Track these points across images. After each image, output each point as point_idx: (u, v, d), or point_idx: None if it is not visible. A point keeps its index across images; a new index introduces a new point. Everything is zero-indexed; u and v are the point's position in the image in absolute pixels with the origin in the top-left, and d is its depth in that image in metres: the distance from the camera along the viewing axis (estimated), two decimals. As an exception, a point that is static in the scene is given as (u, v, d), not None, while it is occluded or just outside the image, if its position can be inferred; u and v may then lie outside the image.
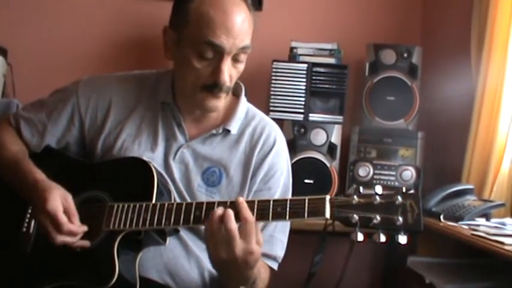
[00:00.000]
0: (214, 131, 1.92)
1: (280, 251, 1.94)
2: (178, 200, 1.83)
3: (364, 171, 3.14)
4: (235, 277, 1.66)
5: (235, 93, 2.01)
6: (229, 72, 1.80)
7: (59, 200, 1.69)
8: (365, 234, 1.56)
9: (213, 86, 1.79)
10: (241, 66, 1.84)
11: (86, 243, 1.70)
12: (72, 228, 1.68)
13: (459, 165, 2.83)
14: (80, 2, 3.48)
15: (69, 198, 1.72)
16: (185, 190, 1.87)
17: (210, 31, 1.73)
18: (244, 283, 1.68)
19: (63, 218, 1.67)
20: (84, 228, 1.70)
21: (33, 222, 1.79)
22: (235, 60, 1.81)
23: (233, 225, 1.56)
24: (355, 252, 3.20)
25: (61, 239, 1.67)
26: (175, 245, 1.83)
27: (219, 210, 1.59)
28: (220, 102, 1.85)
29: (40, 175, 1.79)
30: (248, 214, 1.58)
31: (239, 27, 1.76)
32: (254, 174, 1.92)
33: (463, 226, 2.37)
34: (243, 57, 1.82)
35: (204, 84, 1.80)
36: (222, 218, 1.57)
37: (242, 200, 1.60)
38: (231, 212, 1.58)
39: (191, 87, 1.83)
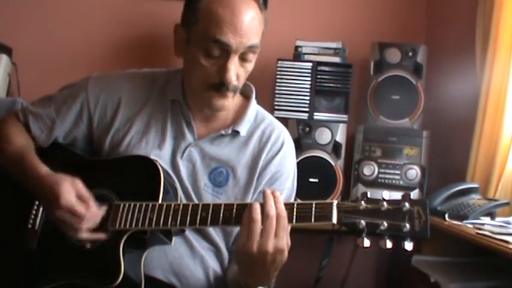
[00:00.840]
0: (223, 132, 1.92)
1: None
2: (184, 199, 1.84)
3: (369, 170, 3.14)
4: (258, 275, 1.64)
5: (246, 95, 2.01)
6: (236, 71, 1.79)
7: (70, 190, 1.69)
8: (371, 240, 1.56)
9: (220, 85, 1.79)
10: (249, 66, 1.84)
11: (102, 235, 1.70)
12: (93, 214, 1.69)
13: (464, 164, 2.83)
14: (84, 2, 3.48)
15: (79, 183, 1.72)
16: (192, 189, 1.87)
17: (218, 29, 1.73)
18: (265, 283, 1.67)
19: (81, 208, 1.67)
20: (103, 210, 1.71)
21: (38, 218, 1.80)
22: (243, 59, 1.80)
23: (273, 213, 1.56)
24: (360, 251, 3.20)
25: (85, 226, 1.67)
26: (180, 244, 1.83)
27: (257, 208, 1.58)
28: (228, 102, 1.84)
29: (45, 169, 1.78)
30: (283, 210, 1.58)
31: (247, 25, 1.75)
32: (260, 175, 1.92)
33: (467, 225, 2.37)
34: (251, 56, 1.81)
35: (210, 83, 1.80)
36: (263, 208, 1.57)
37: (279, 194, 1.60)
38: (272, 203, 1.57)
39: (198, 86, 1.83)
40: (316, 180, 3.10)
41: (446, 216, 2.48)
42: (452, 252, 2.63)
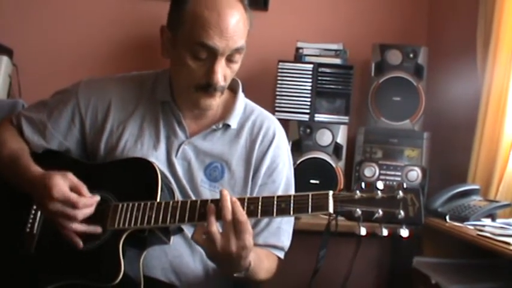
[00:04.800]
0: (214, 127, 1.95)
1: (287, 241, 1.99)
2: (182, 197, 1.86)
3: (370, 171, 3.14)
4: (230, 266, 1.69)
5: (233, 89, 2.04)
6: (223, 73, 1.82)
7: (62, 181, 1.70)
8: (368, 229, 1.61)
9: (207, 86, 1.82)
10: (235, 66, 1.87)
11: (98, 228, 1.71)
12: (87, 201, 1.70)
13: (465, 166, 2.83)
14: (85, 3, 3.48)
15: (70, 174, 1.73)
16: (189, 186, 1.89)
17: (204, 32, 1.75)
18: (238, 271, 1.70)
19: (73, 196, 1.69)
20: (97, 197, 1.73)
21: (36, 222, 1.81)
22: (230, 60, 1.83)
23: (230, 217, 1.60)
24: (360, 253, 3.18)
25: (81, 214, 1.69)
26: (180, 243, 1.86)
27: (213, 207, 1.63)
28: (215, 101, 1.88)
29: (38, 169, 1.80)
30: (241, 215, 1.60)
31: (233, 28, 1.77)
32: (257, 168, 1.95)
33: (468, 226, 2.36)
34: (237, 57, 1.84)
35: (198, 85, 1.83)
36: (219, 214, 1.62)
37: (235, 200, 1.62)
38: (229, 205, 1.61)
39: (186, 87, 1.86)
40: (317, 181, 3.09)
41: (447, 217, 2.48)
42: (453, 254, 2.62)
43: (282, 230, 1.96)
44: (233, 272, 1.71)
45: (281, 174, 1.99)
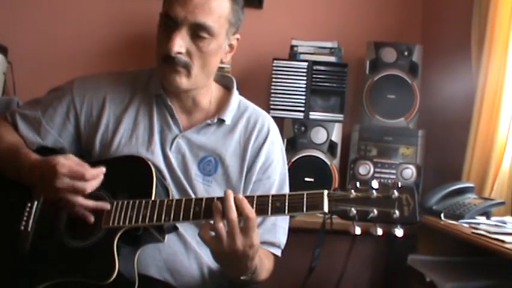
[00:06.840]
0: (209, 121, 1.96)
1: (283, 238, 1.99)
2: (177, 190, 1.88)
3: (365, 169, 3.14)
4: (237, 268, 1.69)
5: (227, 87, 2.06)
6: (187, 46, 1.82)
7: (66, 160, 1.71)
8: (362, 228, 1.61)
9: (168, 57, 1.82)
10: (203, 46, 1.84)
11: (107, 205, 1.72)
12: (94, 172, 1.71)
13: (460, 164, 2.83)
14: (80, 1, 3.48)
15: (70, 155, 1.75)
16: (184, 179, 1.90)
17: (169, 3, 1.82)
18: (245, 273, 1.71)
19: (80, 168, 1.70)
20: (103, 168, 1.73)
21: (31, 220, 1.79)
22: (195, 35, 1.83)
23: (234, 217, 1.59)
24: (355, 251, 3.20)
25: (90, 186, 1.70)
26: (174, 241, 1.85)
27: (219, 205, 1.61)
28: (180, 78, 1.86)
29: (38, 156, 1.81)
30: (250, 212, 1.60)
31: (197, 2, 1.80)
32: (251, 165, 1.96)
33: (463, 224, 2.36)
34: (203, 34, 1.83)
35: (162, 56, 1.84)
36: (224, 213, 1.60)
37: (243, 198, 1.62)
38: (232, 204, 1.60)
39: (156, 61, 1.88)
40: (312, 179, 3.09)
41: (442, 215, 2.49)
42: (448, 252, 2.63)
43: (278, 227, 1.96)
44: (240, 275, 1.71)
45: (276, 170, 2.00)
